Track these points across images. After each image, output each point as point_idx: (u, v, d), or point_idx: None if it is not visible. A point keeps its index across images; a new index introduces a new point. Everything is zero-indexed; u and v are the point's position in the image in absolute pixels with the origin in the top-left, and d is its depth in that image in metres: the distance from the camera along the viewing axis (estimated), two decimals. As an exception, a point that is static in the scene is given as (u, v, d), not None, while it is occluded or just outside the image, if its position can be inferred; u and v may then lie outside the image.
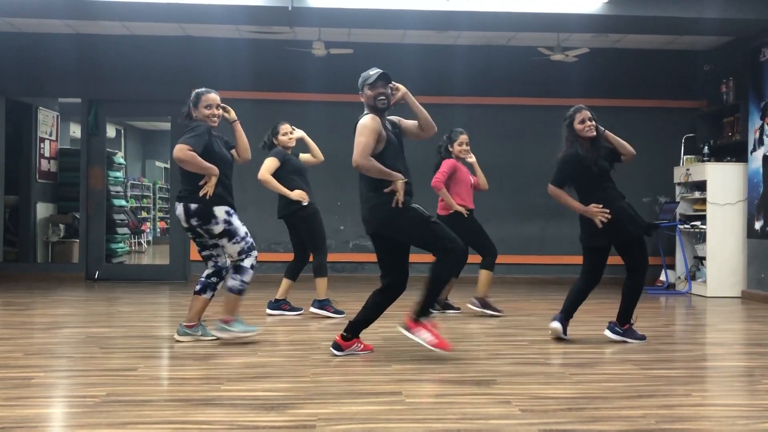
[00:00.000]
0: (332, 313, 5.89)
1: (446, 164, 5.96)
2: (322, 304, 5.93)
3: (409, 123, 4.45)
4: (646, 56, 9.29)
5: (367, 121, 4.19)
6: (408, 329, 4.27)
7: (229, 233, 4.61)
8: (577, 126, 4.78)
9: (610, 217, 4.67)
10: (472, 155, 6.13)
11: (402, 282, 4.27)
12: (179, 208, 4.60)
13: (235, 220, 4.64)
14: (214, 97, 4.64)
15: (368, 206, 4.24)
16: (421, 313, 4.26)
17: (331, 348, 4.34)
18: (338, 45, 8.37)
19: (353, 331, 4.34)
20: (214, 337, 4.78)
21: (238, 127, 4.85)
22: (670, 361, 4.42)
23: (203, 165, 4.47)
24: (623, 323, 4.90)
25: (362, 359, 4.26)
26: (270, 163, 5.81)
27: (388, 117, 4.37)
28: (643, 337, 4.91)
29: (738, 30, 7.87)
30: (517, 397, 3.39)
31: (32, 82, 9.10)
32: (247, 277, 4.66)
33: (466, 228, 5.85)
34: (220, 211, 4.56)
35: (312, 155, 6.13)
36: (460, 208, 5.88)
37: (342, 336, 4.34)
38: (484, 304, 6.10)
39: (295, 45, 8.68)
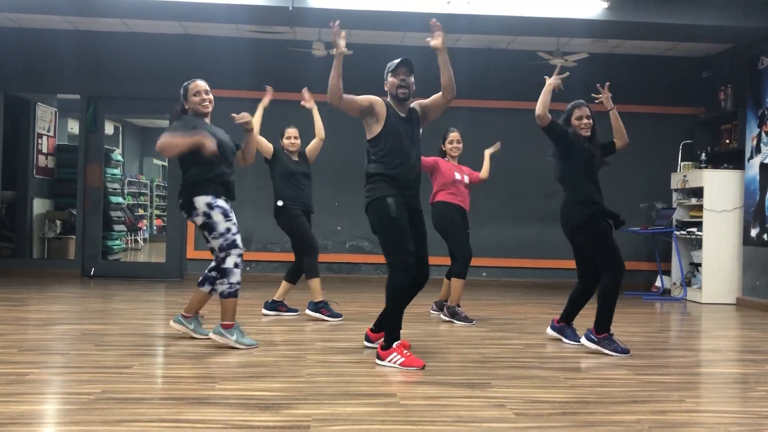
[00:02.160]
0: (327, 316, 5.84)
1: (430, 158, 5.92)
2: (317, 306, 5.87)
3: (429, 100, 4.43)
4: (645, 62, 9.32)
5: (373, 95, 4.30)
6: (381, 358, 4.12)
7: (208, 227, 4.45)
8: (574, 122, 4.82)
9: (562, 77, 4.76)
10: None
11: (416, 277, 4.21)
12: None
13: (216, 214, 4.42)
14: (199, 83, 4.59)
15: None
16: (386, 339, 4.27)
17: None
18: (338, 46, 8.37)
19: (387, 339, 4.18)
20: (205, 336, 4.73)
21: (252, 136, 4.77)
22: (665, 367, 4.43)
23: (183, 138, 4.27)
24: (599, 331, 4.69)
25: (357, 360, 4.26)
26: (264, 141, 5.94)
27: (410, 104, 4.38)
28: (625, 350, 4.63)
29: (737, 38, 7.90)
30: (512, 401, 3.40)
31: (31, 77, 9.09)
32: (233, 278, 4.46)
33: (448, 220, 5.83)
34: (200, 202, 4.42)
35: (315, 132, 6.13)
36: None
37: (381, 347, 4.17)
38: (454, 313, 5.88)
39: (296, 45, 8.69)
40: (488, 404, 3.34)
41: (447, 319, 5.91)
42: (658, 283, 8.79)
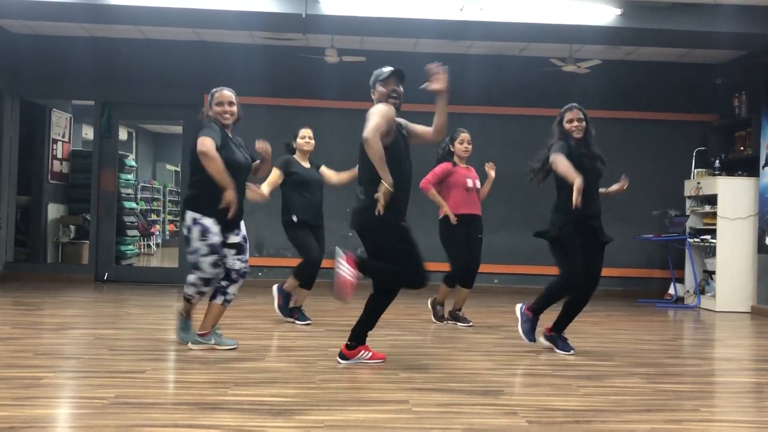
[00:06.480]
0: (297, 319, 5.81)
1: (439, 167, 5.89)
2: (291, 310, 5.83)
3: (417, 127, 4.42)
4: (658, 69, 9.28)
5: (382, 107, 4.13)
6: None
7: (187, 240, 4.53)
8: (566, 125, 4.82)
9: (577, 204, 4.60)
10: (492, 171, 6.08)
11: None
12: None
13: (195, 231, 4.43)
14: (225, 94, 4.54)
15: (355, 206, 4.19)
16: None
17: (337, 357, 4.32)
18: (351, 53, 8.40)
19: (356, 338, 4.29)
20: (231, 347, 4.63)
21: (267, 162, 4.74)
22: (679, 375, 4.40)
23: (223, 174, 4.29)
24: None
25: (370, 366, 4.26)
26: (272, 177, 5.71)
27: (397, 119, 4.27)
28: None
29: (751, 44, 7.86)
30: (524, 409, 3.39)
31: (47, 83, 9.17)
32: (188, 290, 4.63)
33: (450, 235, 5.83)
34: (188, 215, 4.48)
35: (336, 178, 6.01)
36: (449, 212, 5.77)
37: (346, 345, 4.30)
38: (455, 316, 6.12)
39: (308, 52, 8.72)
40: (501, 412, 3.33)
41: (451, 322, 6.08)
42: (671, 291, 8.73)
